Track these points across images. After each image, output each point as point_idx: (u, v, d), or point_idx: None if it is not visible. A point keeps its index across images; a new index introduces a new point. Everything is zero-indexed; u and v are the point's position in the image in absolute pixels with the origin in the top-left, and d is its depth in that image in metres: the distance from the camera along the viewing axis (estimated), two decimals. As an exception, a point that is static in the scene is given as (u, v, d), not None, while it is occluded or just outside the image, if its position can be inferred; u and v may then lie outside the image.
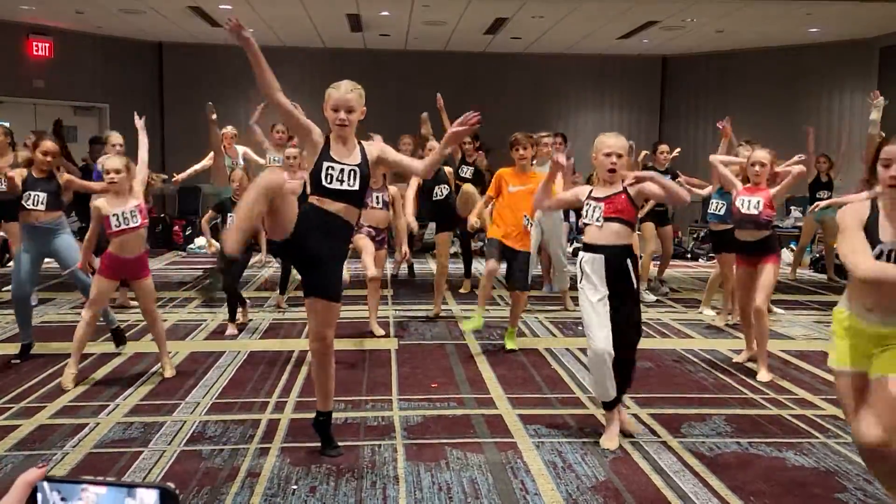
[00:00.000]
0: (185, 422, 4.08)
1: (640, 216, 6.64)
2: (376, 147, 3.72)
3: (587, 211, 3.84)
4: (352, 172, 3.46)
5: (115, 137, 7.34)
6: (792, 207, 11.92)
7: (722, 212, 6.16)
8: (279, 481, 3.34)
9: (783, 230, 11.16)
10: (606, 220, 3.75)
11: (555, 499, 3.20)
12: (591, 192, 3.91)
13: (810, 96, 12.95)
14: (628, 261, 3.77)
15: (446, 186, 7.13)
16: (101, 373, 4.99)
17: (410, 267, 9.21)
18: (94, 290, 4.72)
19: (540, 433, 3.97)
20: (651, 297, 7.74)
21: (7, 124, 7.52)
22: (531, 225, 5.61)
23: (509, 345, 5.73)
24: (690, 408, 4.38)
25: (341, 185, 3.44)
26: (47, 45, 12.03)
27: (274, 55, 15.13)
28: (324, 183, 3.42)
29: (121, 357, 5.35)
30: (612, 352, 3.69)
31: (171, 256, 10.96)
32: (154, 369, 5.04)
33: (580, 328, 6.40)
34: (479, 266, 8.66)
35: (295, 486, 3.29)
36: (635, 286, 3.84)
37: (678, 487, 3.33)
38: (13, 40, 11.69)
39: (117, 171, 4.68)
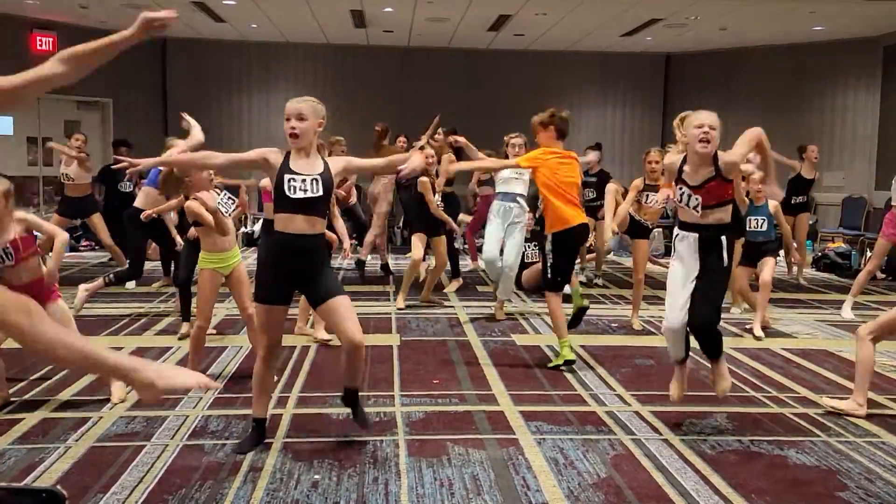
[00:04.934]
0: (188, 416, 4.09)
1: None
2: (340, 160, 3.73)
3: (681, 195, 3.82)
4: (314, 181, 3.49)
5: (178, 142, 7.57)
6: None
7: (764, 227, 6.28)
8: (281, 476, 3.35)
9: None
10: (705, 208, 3.75)
11: (556, 495, 3.20)
12: (681, 171, 3.82)
13: (814, 94, 12.93)
14: (723, 238, 3.78)
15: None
16: (103, 367, 4.99)
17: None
18: None
19: (542, 429, 3.97)
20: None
21: (11, 119, 7.54)
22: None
23: (567, 355, 5.11)
24: (692, 405, 4.39)
25: (305, 193, 3.48)
26: (51, 39, 12.03)
27: (277, 51, 15.27)
28: (287, 193, 3.45)
29: (123, 352, 5.35)
30: (683, 326, 3.89)
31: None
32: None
33: (581, 325, 6.42)
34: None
35: (297, 482, 3.30)
36: (726, 264, 3.84)
37: (679, 485, 3.33)
38: (17, 35, 11.70)
39: None
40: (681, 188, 3.83)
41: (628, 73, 14.40)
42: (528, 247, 7.67)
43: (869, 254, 10.00)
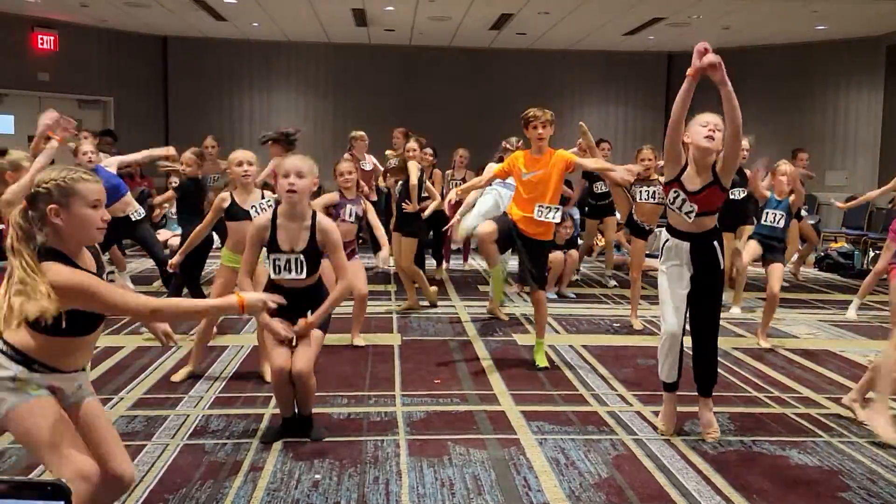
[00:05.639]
0: (189, 415, 4.08)
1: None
2: (328, 236, 3.64)
3: (674, 198, 3.71)
4: (297, 261, 3.55)
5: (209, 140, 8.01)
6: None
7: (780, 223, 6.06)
8: (282, 475, 3.34)
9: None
10: (698, 216, 3.68)
11: (557, 495, 3.19)
12: (682, 172, 3.69)
13: (817, 94, 12.91)
14: (716, 242, 3.75)
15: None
16: (104, 366, 4.99)
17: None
18: None
19: (543, 430, 3.96)
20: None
21: (12, 118, 7.50)
22: (548, 214, 4.91)
23: (540, 361, 5.12)
24: (694, 405, 4.37)
25: (290, 273, 3.56)
26: (52, 38, 12.04)
27: (279, 50, 15.31)
28: (272, 276, 3.62)
29: (124, 350, 5.35)
30: (681, 330, 3.77)
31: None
32: (157, 363, 5.04)
33: (583, 325, 6.41)
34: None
35: (297, 481, 3.30)
36: (721, 268, 3.79)
37: (681, 485, 3.32)
38: (18, 33, 11.70)
39: None
40: (676, 191, 3.71)
41: (630, 73, 14.37)
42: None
43: (872, 254, 9.99)
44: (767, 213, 5.95)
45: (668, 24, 11.50)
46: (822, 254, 10.47)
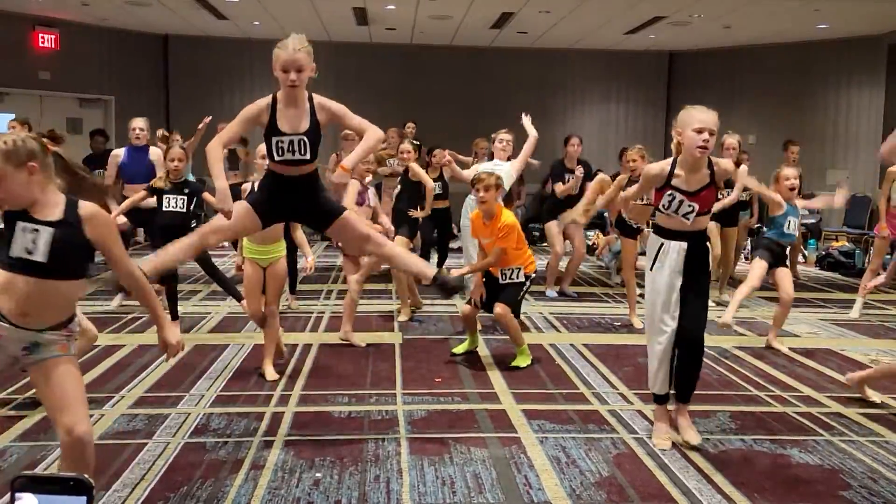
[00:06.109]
0: (190, 414, 4.09)
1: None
2: (329, 108, 3.69)
3: (670, 201, 3.58)
4: (301, 142, 3.53)
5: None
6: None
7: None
8: (283, 474, 3.34)
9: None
10: (697, 215, 3.60)
11: (558, 494, 3.19)
12: (670, 178, 3.59)
13: (818, 93, 12.90)
14: (708, 244, 3.71)
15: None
16: (105, 365, 4.99)
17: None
18: None
19: (544, 428, 3.96)
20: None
21: (13, 116, 7.54)
22: (511, 276, 5.10)
23: (522, 362, 5.13)
24: (694, 404, 4.36)
25: (294, 155, 3.53)
26: (53, 37, 12.03)
27: (280, 48, 14.59)
28: (275, 157, 3.58)
29: (125, 349, 5.36)
30: (673, 333, 3.63)
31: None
32: (158, 362, 5.04)
33: (584, 324, 6.41)
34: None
35: (298, 479, 3.30)
36: (710, 270, 3.75)
37: (682, 483, 3.32)
38: (19, 32, 11.70)
39: None
40: (671, 194, 3.59)
41: (632, 72, 14.37)
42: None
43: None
44: (790, 221, 5.64)
45: (669, 22, 11.49)
46: (824, 252, 10.46)
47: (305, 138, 3.54)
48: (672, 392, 3.82)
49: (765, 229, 6.16)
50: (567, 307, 7.14)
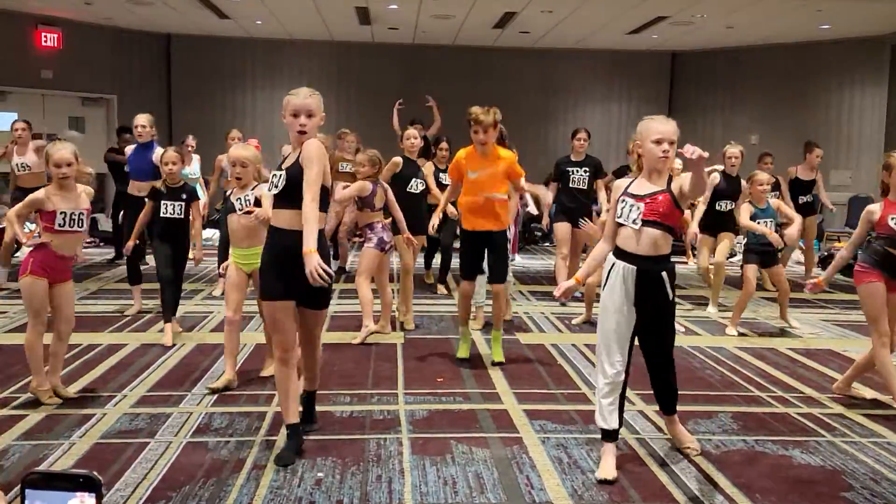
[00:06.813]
0: (192, 413, 4.09)
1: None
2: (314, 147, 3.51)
3: (622, 209, 3.39)
4: (281, 176, 3.47)
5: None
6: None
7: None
8: (285, 473, 3.34)
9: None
10: (645, 223, 3.32)
11: (560, 494, 3.19)
12: (628, 186, 3.45)
13: (821, 93, 12.90)
14: (664, 274, 3.37)
15: (423, 182, 6.70)
16: (107, 364, 5.00)
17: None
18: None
19: (545, 428, 3.96)
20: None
21: (16, 115, 7.54)
22: (495, 195, 4.89)
23: (496, 356, 5.13)
24: (697, 405, 4.37)
25: (277, 189, 3.49)
26: (56, 35, 12.05)
27: (282, 48, 15.21)
28: (270, 191, 3.59)
29: (128, 348, 5.36)
30: (625, 375, 3.40)
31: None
32: (160, 361, 5.05)
33: (586, 324, 6.40)
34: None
35: (300, 479, 3.30)
36: (671, 300, 3.42)
37: (683, 484, 3.32)
38: (21, 31, 11.72)
39: (69, 164, 4.13)
40: (623, 199, 3.41)
41: (634, 71, 14.36)
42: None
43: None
44: (760, 223, 6.14)
45: (672, 22, 11.49)
46: (826, 253, 10.45)
47: (285, 172, 3.46)
48: (656, 409, 3.80)
49: (745, 239, 6.54)
50: (569, 307, 7.13)
